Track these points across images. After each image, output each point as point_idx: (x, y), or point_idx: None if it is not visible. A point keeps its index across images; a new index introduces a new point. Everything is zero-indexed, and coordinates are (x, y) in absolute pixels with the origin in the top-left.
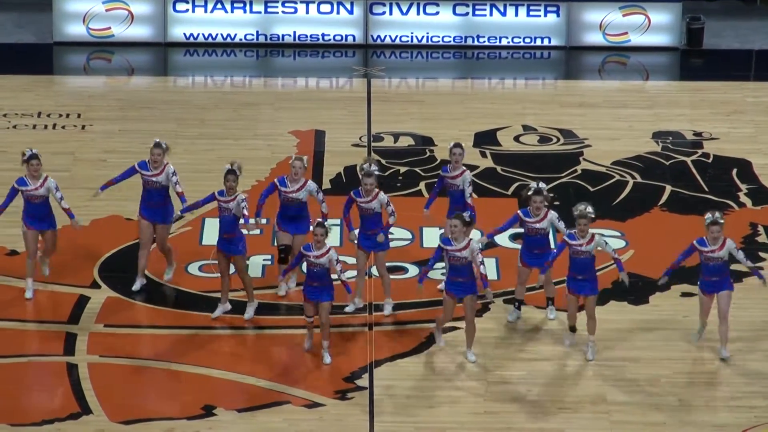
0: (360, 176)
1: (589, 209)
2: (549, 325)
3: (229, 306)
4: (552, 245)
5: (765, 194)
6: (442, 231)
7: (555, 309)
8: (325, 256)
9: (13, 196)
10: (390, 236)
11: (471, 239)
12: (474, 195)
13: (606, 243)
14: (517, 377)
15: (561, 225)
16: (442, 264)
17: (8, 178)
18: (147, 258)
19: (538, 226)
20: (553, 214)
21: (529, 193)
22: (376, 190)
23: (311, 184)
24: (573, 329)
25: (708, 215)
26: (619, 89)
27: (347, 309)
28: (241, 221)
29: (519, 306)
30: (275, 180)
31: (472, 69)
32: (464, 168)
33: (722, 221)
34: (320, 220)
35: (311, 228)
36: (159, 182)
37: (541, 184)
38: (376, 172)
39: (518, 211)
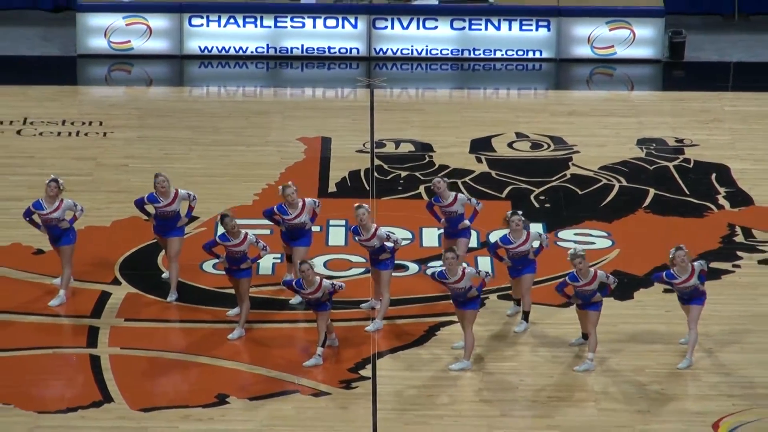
0: (354, 209)
1: (579, 250)
2: (540, 320)
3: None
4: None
5: (742, 197)
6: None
7: (526, 323)
8: (319, 290)
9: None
10: (392, 235)
11: (465, 268)
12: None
13: (607, 276)
14: (510, 368)
15: (544, 237)
16: (440, 262)
17: (35, 182)
18: (176, 271)
19: (521, 249)
20: (534, 233)
21: (506, 219)
22: (374, 225)
23: (309, 202)
24: (585, 336)
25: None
26: (605, 99)
27: (367, 328)
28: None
29: (519, 302)
30: (275, 207)
31: (468, 80)
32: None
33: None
34: (307, 262)
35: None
36: (172, 210)
37: (517, 213)
38: (369, 210)
39: (497, 240)
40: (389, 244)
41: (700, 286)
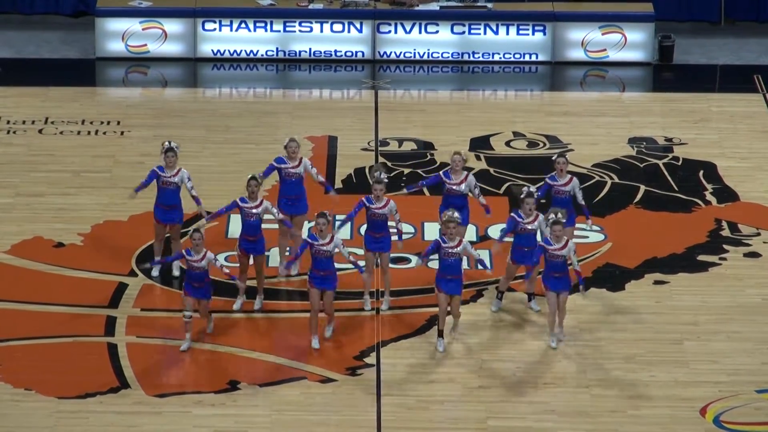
0: (371, 182)
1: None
2: (534, 309)
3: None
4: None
5: (728, 193)
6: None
7: (537, 302)
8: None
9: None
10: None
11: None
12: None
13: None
14: (507, 356)
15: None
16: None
17: (58, 179)
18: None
19: (530, 226)
20: (541, 217)
21: (522, 196)
22: (386, 198)
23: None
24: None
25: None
26: (598, 100)
27: (382, 308)
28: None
29: (501, 297)
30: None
31: (468, 82)
32: (570, 176)
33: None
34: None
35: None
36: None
37: (532, 188)
38: (386, 180)
39: (512, 213)
40: (397, 216)
41: (547, 233)
